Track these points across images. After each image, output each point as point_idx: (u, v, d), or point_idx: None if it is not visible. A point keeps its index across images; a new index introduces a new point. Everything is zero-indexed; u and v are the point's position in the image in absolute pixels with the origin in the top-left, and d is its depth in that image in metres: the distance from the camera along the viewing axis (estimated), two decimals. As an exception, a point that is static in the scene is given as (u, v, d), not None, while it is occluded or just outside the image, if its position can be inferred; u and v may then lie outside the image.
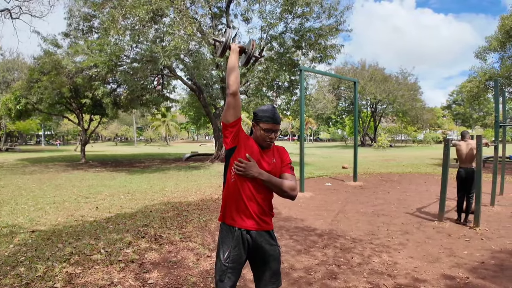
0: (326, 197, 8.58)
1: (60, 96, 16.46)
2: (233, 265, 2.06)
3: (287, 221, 6.04)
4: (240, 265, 2.09)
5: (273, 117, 2.08)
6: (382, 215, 6.43)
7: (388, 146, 38.55)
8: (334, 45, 14.06)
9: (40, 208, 7.07)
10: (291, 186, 2.08)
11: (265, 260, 2.13)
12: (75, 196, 8.60)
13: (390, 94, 41.58)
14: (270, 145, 2.13)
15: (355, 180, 11.02)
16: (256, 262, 2.17)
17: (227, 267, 2.06)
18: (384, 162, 19.27)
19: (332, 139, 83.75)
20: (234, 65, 2.13)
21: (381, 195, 8.67)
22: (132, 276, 3.67)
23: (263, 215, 2.12)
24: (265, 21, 13.25)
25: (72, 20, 15.27)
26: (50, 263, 3.98)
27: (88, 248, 4.47)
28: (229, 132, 2.09)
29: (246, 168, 2.02)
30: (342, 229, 5.47)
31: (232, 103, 2.06)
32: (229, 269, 2.06)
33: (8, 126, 33.89)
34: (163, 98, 21.63)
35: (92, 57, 12.58)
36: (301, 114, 9.43)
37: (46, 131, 65.53)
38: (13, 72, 30.47)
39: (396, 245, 4.63)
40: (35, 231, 5.34)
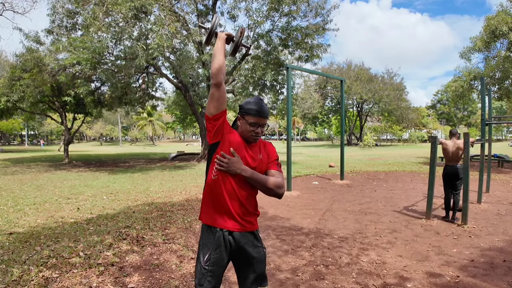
0: (313, 195, 8.51)
1: (42, 94, 16.00)
2: (213, 268, 1.92)
3: (273, 221, 5.94)
4: (221, 268, 1.96)
5: (260, 110, 1.94)
6: (370, 213, 6.39)
7: (374, 145, 38.97)
8: (320, 44, 14.03)
9: (20, 210, 6.79)
10: (277, 184, 1.95)
11: (249, 263, 2.00)
12: (56, 197, 8.31)
13: (375, 94, 42.05)
14: (256, 140, 1.99)
15: (342, 179, 11.00)
16: (239, 264, 2.04)
17: (207, 270, 1.92)
18: (370, 160, 19.40)
19: (319, 139, 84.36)
20: (218, 53, 1.97)
21: (368, 193, 8.66)
22: (111, 280, 3.49)
23: (247, 215, 1.98)
24: (252, 19, 13.12)
25: (56, 17, 14.81)
26: (26, 266, 3.78)
27: (67, 251, 4.27)
28: (212, 126, 1.95)
29: (229, 163, 1.89)
30: (329, 228, 5.39)
31: (216, 94, 1.91)
32: (209, 272, 1.92)
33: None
34: (148, 97, 21.28)
35: (75, 54, 12.22)
36: (288, 113, 9.34)
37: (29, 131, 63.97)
38: None
39: (384, 243, 4.57)
40: (13, 233, 5.10)
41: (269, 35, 13.76)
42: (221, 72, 1.91)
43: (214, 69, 1.91)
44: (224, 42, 2.04)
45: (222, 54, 1.97)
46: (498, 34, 15.65)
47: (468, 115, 64.92)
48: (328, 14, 13.51)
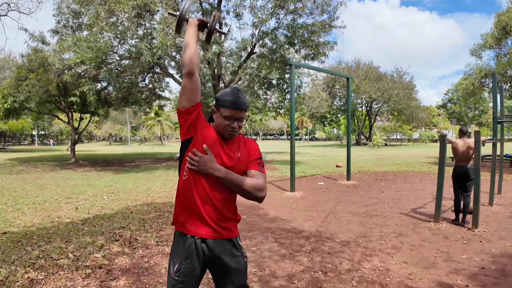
0: (317, 196, 8.27)
1: (48, 94, 16.04)
2: (184, 279, 1.70)
3: (273, 223, 5.71)
4: (193, 279, 1.73)
5: (235, 101, 1.70)
6: (375, 216, 6.12)
7: (383, 145, 38.39)
8: (327, 41, 13.73)
9: (18, 209, 6.72)
10: (256, 186, 1.72)
11: (227, 273, 1.78)
12: (57, 196, 8.24)
13: (385, 93, 41.40)
14: (232, 136, 1.76)
15: (348, 179, 10.72)
16: (216, 275, 1.82)
17: (176, 281, 1.70)
18: (378, 160, 19.01)
19: (327, 138, 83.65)
20: (189, 40, 1.77)
21: (374, 195, 8.37)
22: (97, 283, 3.33)
23: (223, 220, 1.75)
24: (256, 17, 12.89)
25: (61, 17, 14.84)
26: (14, 267, 3.66)
27: (57, 252, 4.14)
28: (185, 120, 1.73)
29: (200, 162, 1.66)
30: (332, 231, 5.14)
31: (188, 85, 1.71)
32: (179, 283, 1.70)
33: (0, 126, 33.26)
34: (155, 97, 21.23)
35: (79, 53, 12.18)
36: (291, 111, 9.11)
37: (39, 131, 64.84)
38: (4, 70, 29.85)
39: (389, 248, 4.30)
40: (7, 233, 5.01)
41: (274, 33, 13.51)
42: (193, 60, 1.71)
43: (185, 58, 1.71)
44: (196, 28, 1.85)
45: (194, 42, 1.78)
46: (509, 30, 15.23)
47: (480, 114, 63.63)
48: (335, 11, 13.20)
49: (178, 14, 1.90)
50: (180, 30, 1.95)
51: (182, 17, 1.89)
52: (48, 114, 22.26)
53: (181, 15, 1.89)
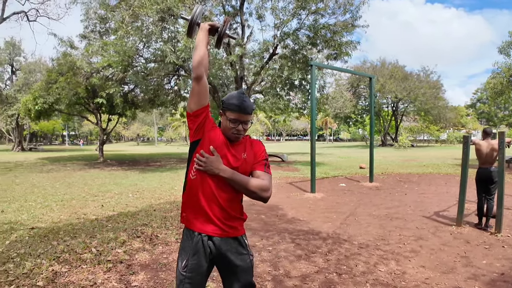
0: (338, 198, 8.19)
1: (77, 96, 16.71)
2: (191, 275, 1.77)
3: (291, 223, 5.72)
4: (199, 275, 1.80)
5: (240, 105, 1.75)
6: (396, 219, 6.00)
7: (410, 146, 37.30)
8: (349, 41, 13.56)
9: (47, 206, 7.05)
10: (261, 186, 1.76)
11: (233, 271, 1.83)
12: (84, 194, 8.58)
13: (411, 92, 40.23)
14: (237, 138, 1.81)
15: (371, 181, 10.53)
16: (223, 272, 1.88)
17: (184, 276, 1.78)
18: (404, 162, 18.55)
19: (352, 139, 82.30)
20: (199, 44, 1.83)
21: (397, 197, 8.20)
22: (117, 277, 3.48)
23: (228, 219, 1.81)
24: (278, 18, 12.92)
25: (89, 22, 15.45)
26: (39, 260, 3.87)
27: (81, 247, 4.34)
28: (193, 123, 1.80)
29: (207, 162, 1.73)
30: (350, 233, 5.09)
31: (196, 89, 1.77)
32: (187, 279, 1.77)
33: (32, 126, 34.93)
34: (180, 98, 21.65)
35: (106, 57, 12.63)
36: (312, 112, 9.07)
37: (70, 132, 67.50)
38: (35, 73, 31.36)
39: (407, 252, 4.21)
40: (35, 228, 5.28)
41: (296, 34, 13.49)
42: (202, 65, 1.77)
43: (194, 62, 1.78)
44: (207, 33, 1.90)
45: (203, 46, 1.83)
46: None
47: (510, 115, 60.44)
48: (357, 10, 13.03)
49: (190, 18, 1.97)
50: (191, 34, 2.01)
51: (193, 21, 1.96)
52: (77, 115, 23.17)
53: (192, 20, 1.95)
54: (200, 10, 2.00)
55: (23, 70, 33.30)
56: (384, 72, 40.69)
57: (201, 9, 2.02)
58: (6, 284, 3.28)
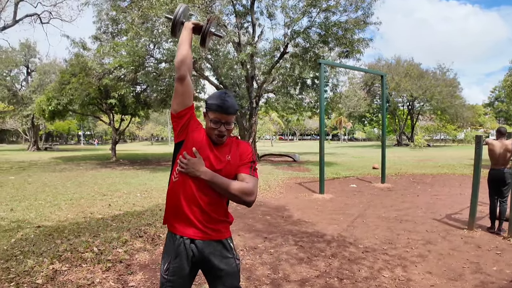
0: (347, 199, 8.02)
1: (90, 97, 16.95)
2: (173, 278, 1.73)
3: (296, 225, 5.61)
4: (181, 278, 1.74)
5: (222, 105, 1.68)
6: (405, 221, 5.81)
7: (426, 145, 36.51)
8: (361, 38, 13.31)
9: (56, 204, 7.13)
10: (244, 189, 1.68)
11: (217, 275, 1.78)
12: (93, 193, 8.65)
13: (427, 91, 39.29)
14: (220, 139, 1.74)
15: (383, 182, 10.30)
16: (208, 276, 1.83)
17: (166, 279, 1.74)
18: (419, 162, 18.11)
19: (367, 139, 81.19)
20: (182, 44, 1.80)
21: (409, 198, 7.97)
22: (115, 277, 3.47)
23: (210, 222, 1.75)
24: (288, 16, 12.79)
25: (101, 24, 15.64)
26: (41, 258, 3.89)
27: (83, 246, 4.35)
28: (177, 124, 1.77)
29: (188, 164, 1.67)
30: (356, 236, 4.95)
31: (179, 89, 1.73)
32: (169, 282, 1.74)
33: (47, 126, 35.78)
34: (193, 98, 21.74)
35: (117, 58, 12.76)
36: (320, 111, 8.92)
37: (85, 131, 68.79)
38: (50, 75, 32.10)
39: (414, 257, 4.05)
40: (41, 227, 5.33)
41: (307, 32, 13.32)
42: (184, 64, 1.73)
43: (176, 62, 1.74)
44: (190, 32, 1.86)
45: (186, 45, 1.79)
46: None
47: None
48: (369, 7, 12.78)
49: (173, 17, 1.91)
50: (175, 33, 1.96)
51: (176, 20, 1.91)
52: (90, 115, 23.53)
53: (176, 19, 1.90)
54: (184, 9, 1.96)
55: (38, 71, 34.23)
56: (399, 70, 39.89)
57: (184, 7, 1.97)
58: (6, 281, 3.30)
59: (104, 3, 13.91)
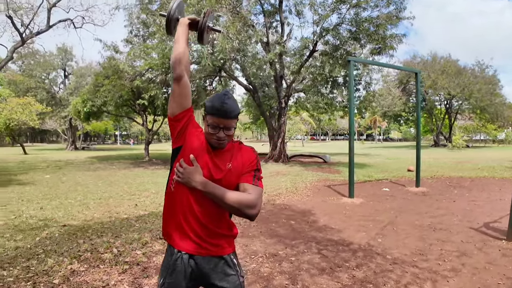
0: (378, 204, 7.63)
1: (123, 98, 17.48)
2: None
3: (321, 231, 5.36)
4: None
5: (220, 108, 1.53)
6: (440, 230, 5.39)
7: (464, 146, 34.55)
8: (394, 34, 12.73)
9: (84, 204, 7.32)
10: (245, 202, 1.52)
11: None
12: (122, 192, 8.83)
13: (465, 89, 36.98)
14: (219, 145, 1.59)
15: (417, 185, 9.75)
16: None
17: None
18: (456, 164, 17.09)
19: (403, 139, 78.30)
20: (178, 41, 1.68)
21: (444, 204, 7.46)
22: (130, 280, 3.44)
23: (211, 236, 1.60)
24: (316, 14, 12.49)
25: (132, 27, 16.07)
26: (61, 258, 3.95)
27: (104, 246, 4.39)
28: (174, 128, 1.64)
29: (184, 174, 1.54)
30: (384, 246, 4.63)
31: (176, 91, 1.61)
32: None
33: (85, 127, 37.58)
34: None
35: (147, 60, 13.03)
36: (350, 110, 8.57)
37: (122, 131, 71.42)
38: (86, 77, 33.66)
39: (446, 270, 3.70)
40: (66, 226, 5.46)
41: (337, 29, 12.94)
42: (181, 63, 1.60)
43: (172, 61, 1.62)
44: (186, 28, 1.74)
45: (182, 42, 1.66)
46: None
47: None
48: (402, 1, 12.21)
49: (166, 14, 1.80)
50: (171, 31, 1.84)
51: (170, 17, 1.79)
52: (124, 116, 24.29)
53: (169, 15, 1.79)
54: (178, 4, 1.83)
55: (74, 74, 36.11)
56: (435, 67, 37.89)
57: (179, 2, 1.85)
58: (23, 280, 3.36)
59: (134, 7, 14.28)
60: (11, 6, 13.75)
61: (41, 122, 33.37)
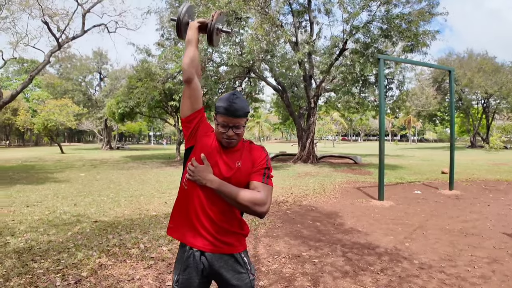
0: (409, 207, 7.37)
1: (155, 100, 18.05)
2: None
3: (347, 234, 5.26)
4: None
5: (228, 107, 1.58)
6: (471, 235, 5.14)
7: (502, 147, 32.59)
8: (427, 31, 12.24)
9: (116, 201, 7.61)
10: (255, 199, 1.55)
11: None
12: (153, 191, 9.09)
13: (503, 87, 34.71)
14: (229, 144, 1.64)
15: (451, 188, 9.33)
16: None
17: None
18: (493, 166, 16.18)
19: (439, 140, 75.08)
20: (188, 44, 1.74)
21: (478, 208, 7.09)
22: (154, 275, 3.56)
23: (222, 234, 1.65)
24: (346, 11, 12.25)
25: (164, 31, 16.53)
26: (91, 252, 4.14)
27: (132, 242, 4.56)
28: (186, 129, 1.72)
29: (195, 172, 1.60)
30: (412, 250, 4.48)
31: (187, 92, 1.69)
32: None
33: (120, 127, 39.19)
34: (252, 100, 22.02)
35: (178, 63, 13.35)
36: (380, 109, 8.33)
37: (156, 132, 73.66)
38: (120, 80, 35.09)
39: (475, 277, 3.53)
40: (98, 222, 5.69)
41: (367, 27, 12.64)
42: (191, 66, 1.67)
43: (183, 63, 1.69)
44: (196, 31, 1.79)
45: (193, 46, 1.73)
46: None
47: None
48: (435, -4, 11.73)
49: (176, 18, 1.86)
50: (181, 35, 1.90)
51: (180, 21, 1.85)
52: (157, 117, 25.06)
53: (179, 20, 1.84)
54: (188, 8, 1.89)
55: (109, 77, 37.84)
56: (471, 65, 35.93)
57: (188, 6, 1.90)
58: (53, 272, 3.56)
59: (165, 11, 14.67)
60: (46, 12, 14.56)
61: (77, 122, 35.23)
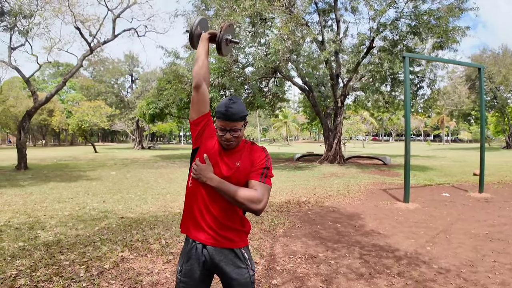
0: (434, 210, 7.16)
1: (183, 101, 18.51)
2: (185, 279, 1.82)
3: (366, 236, 5.21)
4: (193, 281, 1.81)
5: (225, 112, 1.71)
6: (497, 240, 4.93)
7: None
8: (456, 27, 11.77)
9: (143, 198, 7.93)
10: (251, 197, 1.66)
11: (228, 283, 1.81)
12: (180, 189, 9.37)
13: (538, 84, 32.61)
14: (228, 146, 1.77)
15: (480, 191, 8.94)
16: (222, 283, 1.88)
17: (179, 280, 1.84)
18: (532, 169, 15.30)
19: (474, 140, 71.65)
20: (198, 55, 1.91)
21: (507, 212, 6.76)
22: (172, 269, 3.72)
23: (223, 229, 1.78)
24: (372, 9, 12.02)
25: (190, 34, 16.85)
26: (114, 246, 4.37)
27: (154, 237, 4.77)
28: (193, 131, 1.88)
29: (197, 170, 1.74)
30: (433, 254, 4.37)
31: (195, 98, 1.85)
32: (182, 283, 1.83)
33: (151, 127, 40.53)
34: (278, 100, 22.05)
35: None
36: (406, 108, 8.12)
37: (186, 132, 75.33)
38: (151, 82, 36.28)
39: (495, 284, 3.40)
40: (124, 218, 5.98)
41: (395, 24, 12.34)
42: (200, 74, 1.83)
43: (193, 71, 1.87)
44: (206, 43, 1.96)
45: (202, 56, 1.90)
46: None
47: None
48: (464, -9, 11.25)
49: (189, 30, 1.98)
50: (194, 45, 2.04)
51: (193, 32, 1.98)
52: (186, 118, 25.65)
53: (192, 31, 1.97)
54: (200, 20, 2.03)
55: (140, 79, 39.27)
56: (506, 62, 33.92)
57: (200, 19, 2.05)
58: (78, 264, 3.81)
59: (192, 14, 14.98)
60: (78, 18, 15.31)
61: (110, 123, 36.76)
